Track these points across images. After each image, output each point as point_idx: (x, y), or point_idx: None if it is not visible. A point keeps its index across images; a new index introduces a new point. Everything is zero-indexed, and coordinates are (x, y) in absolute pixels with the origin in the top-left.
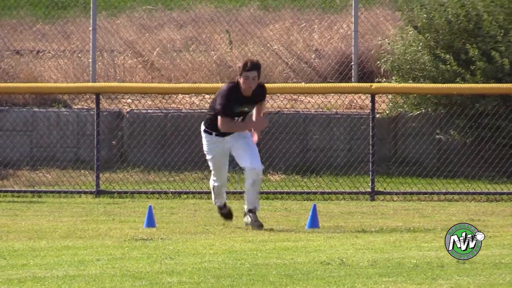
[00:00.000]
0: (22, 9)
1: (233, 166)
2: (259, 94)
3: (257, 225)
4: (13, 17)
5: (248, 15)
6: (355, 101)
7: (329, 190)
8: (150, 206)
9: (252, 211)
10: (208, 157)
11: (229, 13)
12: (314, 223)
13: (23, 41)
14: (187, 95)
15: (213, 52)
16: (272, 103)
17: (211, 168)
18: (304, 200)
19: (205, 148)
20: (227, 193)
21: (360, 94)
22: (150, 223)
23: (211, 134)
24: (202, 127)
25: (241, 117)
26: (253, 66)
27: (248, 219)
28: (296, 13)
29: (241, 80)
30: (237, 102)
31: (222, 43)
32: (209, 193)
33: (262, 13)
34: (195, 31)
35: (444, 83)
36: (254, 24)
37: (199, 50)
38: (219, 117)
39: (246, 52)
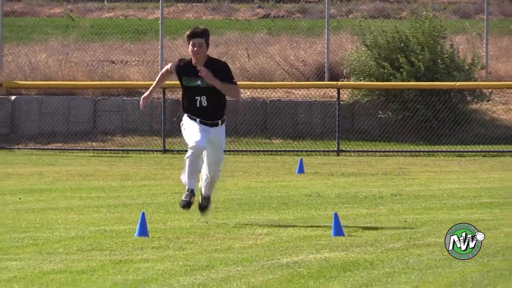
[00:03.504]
0: (116, 34)
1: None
2: (218, 70)
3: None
4: (111, 40)
5: (259, 38)
6: (327, 93)
7: (311, 149)
8: None
9: (204, 197)
10: (183, 126)
11: (247, 37)
12: (301, 170)
13: (117, 55)
14: None
15: (237, 62)
16: (274, 94)
17: (185, 135)
18: (295, 156)
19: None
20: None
21: (330, 89)
22: None
23: (195, 120)
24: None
25: (204, 97)
26: (198, 33)
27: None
28: (290, 37)
29: (189, 50)
30: (188, 74)
31: (243, 56)
32: (235, 151)
33: (268, 37)
34: (226, 49)
35: (383, 81)
36: (263, 44)
37: (228, 61)
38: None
39: (258, 62)
